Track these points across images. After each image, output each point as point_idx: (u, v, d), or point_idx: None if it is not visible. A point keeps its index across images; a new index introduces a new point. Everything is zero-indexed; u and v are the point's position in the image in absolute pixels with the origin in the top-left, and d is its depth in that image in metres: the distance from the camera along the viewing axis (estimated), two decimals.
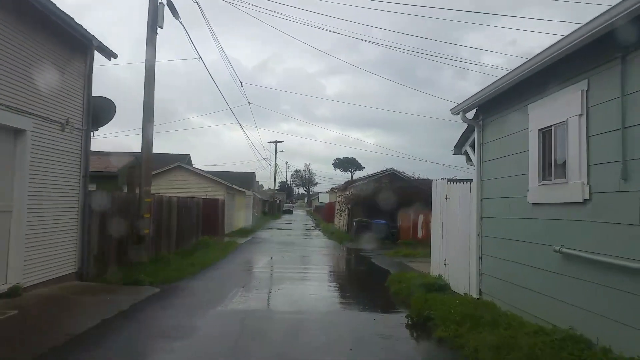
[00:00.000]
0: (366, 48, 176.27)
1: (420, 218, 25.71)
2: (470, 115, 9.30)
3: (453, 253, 10.58)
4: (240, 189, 31.41)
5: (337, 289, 12.10)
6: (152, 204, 12.70)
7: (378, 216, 26.05)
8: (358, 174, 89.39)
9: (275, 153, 70.72)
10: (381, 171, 28.42)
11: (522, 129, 7.35)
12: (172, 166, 27.58)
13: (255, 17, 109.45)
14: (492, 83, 7.72)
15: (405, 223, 25.89)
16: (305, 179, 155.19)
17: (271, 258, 17.57)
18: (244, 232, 29.36)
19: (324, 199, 77.79)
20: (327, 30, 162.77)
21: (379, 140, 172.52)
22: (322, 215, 59.44)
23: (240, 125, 34.30)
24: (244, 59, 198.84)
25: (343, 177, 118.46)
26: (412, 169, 64.57)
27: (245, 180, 37.27)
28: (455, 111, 9.29)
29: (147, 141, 12.29)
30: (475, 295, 8.87)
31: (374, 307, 9.41)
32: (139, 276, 10.22)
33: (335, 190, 37.34)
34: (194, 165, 41.65)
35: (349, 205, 27.80)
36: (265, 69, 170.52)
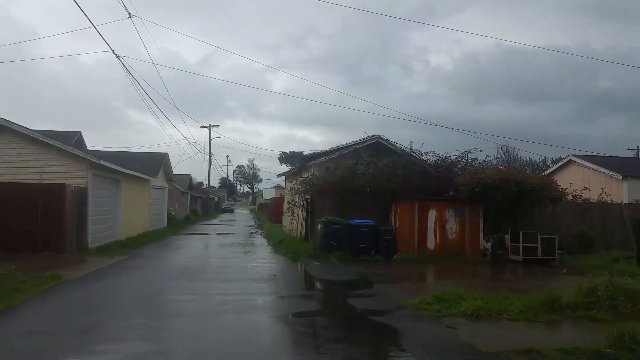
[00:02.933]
0: (313, 44, 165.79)
1: (432, 215, 15.11)
2: None
3: None
4: (133, 173, 19.73)
5: None
6: None
7: (359, 213, 15.26)
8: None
9: (210, 140, 58.55)
10: (360, 140, 17.55)
11: None
12: None
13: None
14: None
15: (405, 224, 15.23)
16: (249, 175, 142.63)
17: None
18: (131, 243, 17.68)
19: (270, 194, 66.32)
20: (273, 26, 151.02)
21: (326, 138, 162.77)
22: (267, 213, 48.01)
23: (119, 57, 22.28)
24: (186, 53, 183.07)
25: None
26: None
27: (152, 164, 25.50)
28: None
29: None
30: None
31: None
32: None
33: (287, 177, 26.01)
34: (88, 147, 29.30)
35: (308, 197, 16.80)
36: (209, 64, 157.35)
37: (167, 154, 27.86)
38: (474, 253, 15.02)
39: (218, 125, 61.76)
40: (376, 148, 17.24)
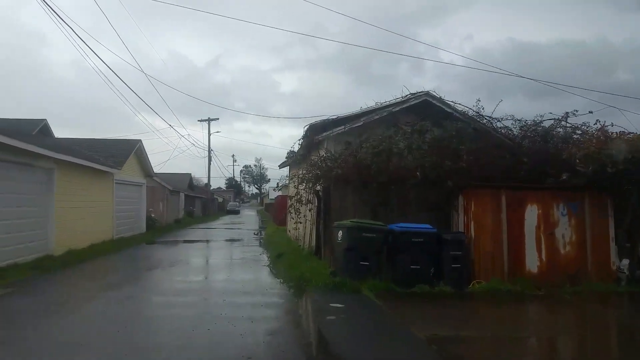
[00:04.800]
0: (321, 43, 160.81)
1: (531, 214, 8.97)
2: None
3: None
4: (74, 160, 13.79)
5: None
6: None
7: (400, 212, 9.28)
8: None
9: (209, 134, 52.67)
10: (399, 99, 11.22)
11: None
12: None
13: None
14: None
15: (484, 229, 9.11)
16: (257, 175, 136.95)
17: None
18: (70, 259, 11.83)
19: (275, 193, 60.34)
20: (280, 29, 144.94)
21: None
22: (273, 214, 42.12)
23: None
24: (194, 56, 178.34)
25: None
26: None
27: (116, 152, 19.62)
28: None
29: None
30: None
31: None
32: None
33: (290, 166, 19.97)
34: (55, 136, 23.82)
35: (320, 188, 10.74)
36: (217, 66, 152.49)
37: (139, 140, 21.91)
38: (602, 277, 8.91)
39: (218, 119, 55.62)
40: (423, 111, 11.11)
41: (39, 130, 25.29)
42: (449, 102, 11.32)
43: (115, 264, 12.70)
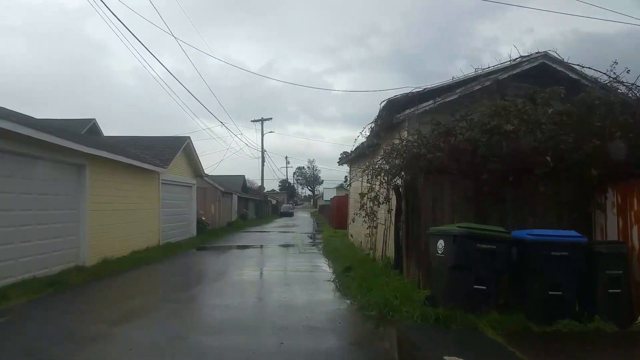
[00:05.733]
0: (375, 43, 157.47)
1: None
2: None
3: None
4: (109, 156, 12.03)
5: None
6: None
7: (516, 215, 6.57)
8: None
9: (262, 134, 51.30)
10: (507, 63, 8.45)
11: None
12: None
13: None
14: None
15: None
16: (310, 177, 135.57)
17: None
18: (102, 271, 10.03)
19: (331, 195, 58.07)
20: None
21: None
22: (328, 216, 39.83)
23: None
24: (249, 60, 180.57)
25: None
26: None
27: (165, 149, 17.91)
28: None
29: None
30: None
31: None
32: None
33: (351, 161, 17.51)
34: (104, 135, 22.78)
35: (401, 182, 8.22)
36: (270, 70, 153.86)
37: (188, 137, 20.17)
38: None
39: (271, 118, 54.18)
40: (538, 78, 8.27)
41: (87, 129, 24.35)
42: (574, 66, 8.43)
43: (150, 279, 10.72)
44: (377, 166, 8.58)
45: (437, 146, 7.50)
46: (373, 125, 9.51)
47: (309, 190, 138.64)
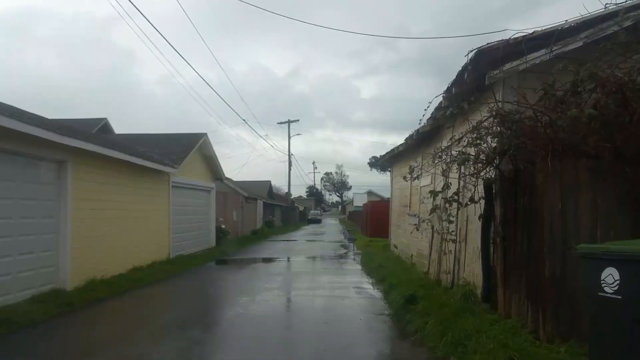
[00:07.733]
0: (404, 45, 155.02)
1: None
2: None
3: None
4: (100, 150, 9.56)
5: None
6: None
7: None
8: None
9: (289, 137, 48.97)
10: None
11: None
12: None
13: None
14: None
15: None
16: (338, 183, 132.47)
17: None
18: (77, 300, 7.52)
19: (361, 201, 55.12)
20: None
21: None
22: (359, 223, 36.86)
23: None
24: (275, 66, 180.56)
25: (381, 178, 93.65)
26: None
27: (177, 147, 15.44)
28: None
29: None
30: None
31: None
32: None
33: (393, 157, 14.60)
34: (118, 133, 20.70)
35: (495, 174, 5.37)
36: (297, 76, 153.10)
37: (204, 134, 17.65)
38: None
39: (298, 120, 51.94)
40: None
41: (99, 128, 22.59)
42: None
43: (137, 312, 8.00)
44: (458, 153, 5.71)
45: (564, 114, 4.62)
46: (444, 96, 6.65)
47: (337, 196, 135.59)
